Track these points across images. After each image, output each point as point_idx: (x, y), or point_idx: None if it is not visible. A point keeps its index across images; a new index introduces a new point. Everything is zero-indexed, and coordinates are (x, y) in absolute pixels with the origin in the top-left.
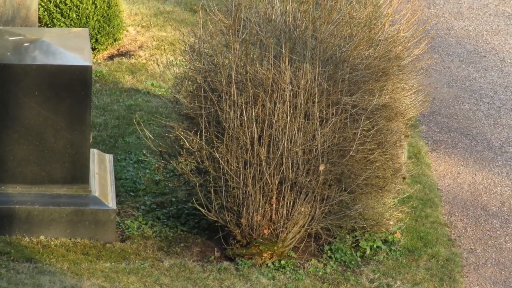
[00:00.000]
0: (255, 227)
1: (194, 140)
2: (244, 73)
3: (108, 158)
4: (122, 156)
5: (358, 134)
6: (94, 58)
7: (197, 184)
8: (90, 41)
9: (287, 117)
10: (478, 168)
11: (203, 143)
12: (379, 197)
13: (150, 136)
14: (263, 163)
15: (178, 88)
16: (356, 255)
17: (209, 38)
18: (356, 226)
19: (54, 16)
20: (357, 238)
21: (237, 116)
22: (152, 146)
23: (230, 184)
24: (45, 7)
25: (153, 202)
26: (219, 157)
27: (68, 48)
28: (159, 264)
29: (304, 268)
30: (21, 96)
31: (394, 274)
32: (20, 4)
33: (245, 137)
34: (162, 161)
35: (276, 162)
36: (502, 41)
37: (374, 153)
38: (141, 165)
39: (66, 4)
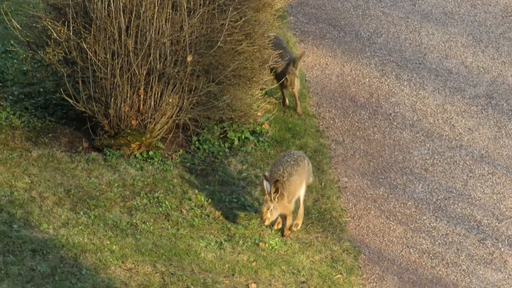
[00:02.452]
0: (123, 117)
1: (62, 31)
2: None
3: None
4: None
5: (226, 25)
6: None
7: (65, 75)
8: None
9: (154, 8)
10: (346, 59)
11: (71, 34)
12: (247, 88)
13: (18, 26)
14: (131, 53)
15: None
16: (224, 146)
17: None
18: (224, 117)
19: None
20: (225, 129)
21: (104, 7)
22: (19, 36)
23: (98, 75)
24: None
25: (21, 93)
26: (87, 47)
27: None
28: (27, 154)
29: (172, 159)
30: None
31: (262, 165)
32: None
33: (113, 28)
34: (30, 51)
35: (144, 53)
36: None
37: (242, 44)
38: (9, 55)
39: None
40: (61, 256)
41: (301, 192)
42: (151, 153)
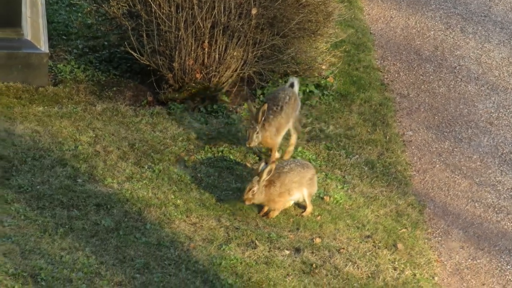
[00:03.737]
0: (187, 71)
1: None
2: None
3: (40, 1)
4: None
5: None
6: None
7: (129, 28)
8: None
9: None
10: (411, 12)
11: None
12: (312, 41)
13: None
14: (195, 6)
15: None
16: None
17: None
18: (288, 71)
19: None
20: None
21: None
22: None
23: (162, 28)
24: None
25: (85, 46)
26: (151, 0)
27: None
28: (91, 108)
29: (236, 112)
30: None
31: (327, 119)
32: None
33: None
34: (94, 5)
35: (208, 6)
36: None
37: None
38: (73, 8)
39: None
40: (125, 210)
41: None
42: (215, 106)
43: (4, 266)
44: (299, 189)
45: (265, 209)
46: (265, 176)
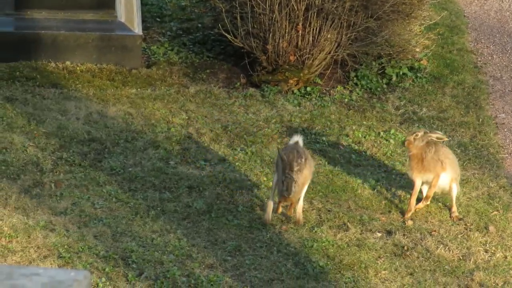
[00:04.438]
0: (281, 53)
1: None
2: None
3: None
4: None
5: None
6: None
7: (223, 10)
8: None
9: None
10: None
11: None
12: (406, 24)
13: None
14: None
15: None
16: (382, 82)
17: None
18: (382, 53)
19: None
20: (383, 65)
21: None
22: None
23: (256, 10)
24: None
25: (179, 28)
26: None
27: None
28: (184, 90)
29: (330, 94)
30: None
31: (420, 101)
32: None
33: None
34: None
35: None
36: None
37: None
38: None
39: None
40: (217, 192)
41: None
42: (309, 89)
43: (95, 249)
44: (449, 170)
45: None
46: (433, 134)
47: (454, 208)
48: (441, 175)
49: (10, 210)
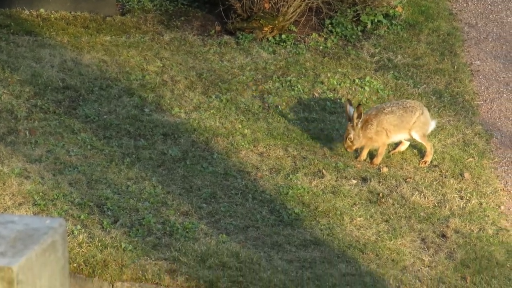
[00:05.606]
0: (255, 0)
1: None
2: None
3: None
4: None
5: None
6: None
7: None
8: None
9: None
10: None
11: None
12: None
13: None
14: None
15: None
16: (357, 29)
17: None
18: (357, 0)
19: None
20: (358, 12)
21: None
22: None
23: None
24: None
25: None
26: None
27: None
28: (159, 38)
29: (305, 42)
30: None
31: (395, 48)
32: None
33: None
34: None
35: None
36: None
37: None
38: None
39: None
40: (193, 140)
41: (401, 137)
42: (283, 36)
43: (70, 196)
44: (402, 132)
45: (363, 153)
46: (355, 119)
47: (402, 149)
48: (394, 139)
49: None
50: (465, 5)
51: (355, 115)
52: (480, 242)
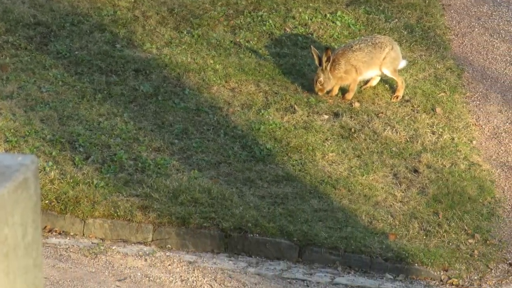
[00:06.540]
0: None
1: None
2: None
3: None
4: None
5: None
6: None
7: None
8: None
9: None
10: None
11: None
12: None
13: None
14: None
15: None
16: None
17: None
18: None
19: None
20: None
21: None
22: None
23: None
24: None
25: None
26: None
27: None
28: None
29: None
30: None
31: None
32: None
33: None
34: None
35: None
36: None
37: None
38: None
39: None
40: (164, 76)
41: (373, 73)
42: None
43: (42, 132)
44: (372, 68)
45: (334, 89)
46: (324, 63)
47: (373, 84)
48: (365, 76)
49: None
50: None
51: (324, 58)
52: (452, 177)
